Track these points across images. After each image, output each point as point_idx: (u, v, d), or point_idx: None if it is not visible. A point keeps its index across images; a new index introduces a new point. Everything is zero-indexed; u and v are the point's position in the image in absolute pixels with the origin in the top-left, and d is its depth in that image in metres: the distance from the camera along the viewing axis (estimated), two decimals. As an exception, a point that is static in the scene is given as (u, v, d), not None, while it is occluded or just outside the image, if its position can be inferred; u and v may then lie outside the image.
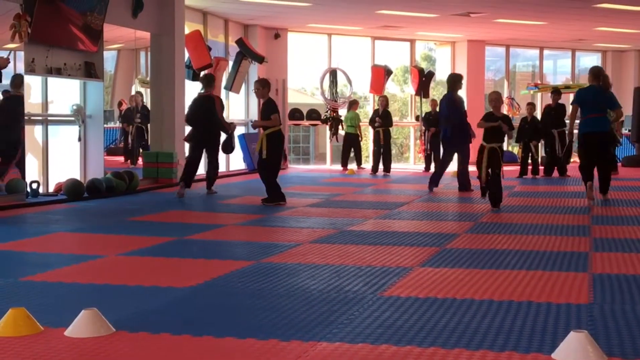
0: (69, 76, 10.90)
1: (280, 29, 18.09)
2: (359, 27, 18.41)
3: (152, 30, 13.11)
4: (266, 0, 14.29)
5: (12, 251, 6.40)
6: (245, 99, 17.47)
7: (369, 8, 15.41)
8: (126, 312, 4.28)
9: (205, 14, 15.50)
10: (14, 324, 3.86)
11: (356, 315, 4.25)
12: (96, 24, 11.11)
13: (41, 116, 10.92)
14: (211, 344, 3.71)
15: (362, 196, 11.83)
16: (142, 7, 12.44)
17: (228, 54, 16.34)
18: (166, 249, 6.65)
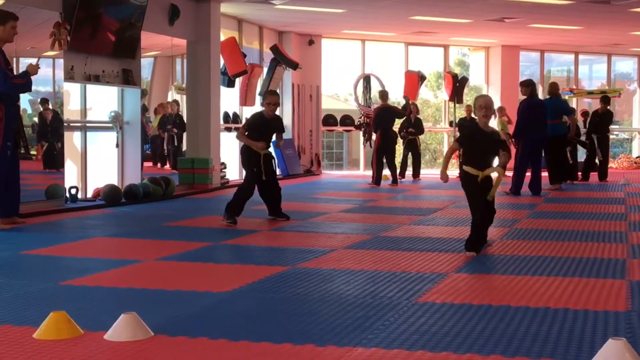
0: (107, 83, 11.06)
1: (314, 36, 18.16)
2: (392, 33, 18.41)
3: (188, 37, 13.26)
4: (301, 7, 14.36)
5: (52, 256, 6.50)
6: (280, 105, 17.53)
7: (403, 14, 15.41)
8: (164, 317, 4.33)
9: (240, 21, 15.63)
10: (56, 328, 3.92)
11: (391, 321, 4.26)
12: (134, 32, 11.27)
13: (80, 123, 11.08)
14: (248, 348, 3.73)
15: (396, 202, 11.82)
16: (179, 15, 12.59)
17: (262, 61, 16.44)
18: (202, 254, 6.72)
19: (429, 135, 26.69)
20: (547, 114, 13.04)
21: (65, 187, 10.23)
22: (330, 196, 12.37)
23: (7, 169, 7.81)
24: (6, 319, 4.25)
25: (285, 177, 16.33)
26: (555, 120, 13.43)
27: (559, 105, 13.72)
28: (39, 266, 6.13)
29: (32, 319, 4.19)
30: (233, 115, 15.34)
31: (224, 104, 14.58)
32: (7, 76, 7.66)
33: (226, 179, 14.01)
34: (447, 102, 20.67)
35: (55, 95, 10.39)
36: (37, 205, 9.26)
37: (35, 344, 3.79)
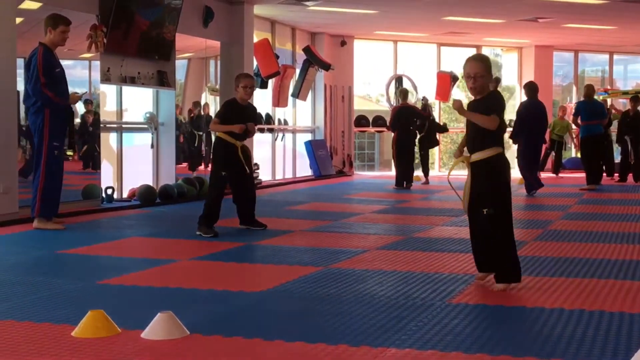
0: (142, 85, 11.19)
1: (346, 37, 18.18)
2: (425, 34, 18.37)
3: (222, 39, 13.36)
4: (333, 8, 14.39)
5: (89, 255, 6.59)
6: (312, 106, 17.61)
7: (436, 14, 15.38)
8: (199, 316, 4.37)
9: (273, 23, 15.70)
10: (94, 326, 3.98)
11: (425, 322, 4.27)
12: (168, 34, 11.38)
13: (116, 124, 11.22)
14: (282, 348, 3.76)
15: (429, 203, 11.80)
16: (213, 17, 12.69)
17: (295, 62, 16.50)
18: (236, 254, 6.78)
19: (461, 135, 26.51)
20: (584, 115, 13.14)
21: (102, 187, 10.37)
22: (362, 197, 12.39)
23: (54, 169, 7.93)
24: (45, 317, 4.33)
25: (318, 178, 16.39)
26: (592, 121, 13.43)
27: (595, 107, 13.71)
28: (77, 265, 6.22)
29: (71, 317, 4.26)
30: (266, 116, 15.42)
31: (257, 105, 14.64)
32: (37, 80, 7.76)
33: (259, 180, 14.08)
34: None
35: (92, 97, 10.52)
36: (74, 205, 9.39)
37: (73, 342, 3.85)
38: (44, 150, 7.85)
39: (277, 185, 14.61)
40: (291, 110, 16.72)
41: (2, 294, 4.98)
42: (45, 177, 7.88)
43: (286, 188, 14.31)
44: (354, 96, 19.06)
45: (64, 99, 7.93)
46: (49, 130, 7.85)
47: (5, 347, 3.74)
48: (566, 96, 22.79)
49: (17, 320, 4.26)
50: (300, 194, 13.10)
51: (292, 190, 13.81)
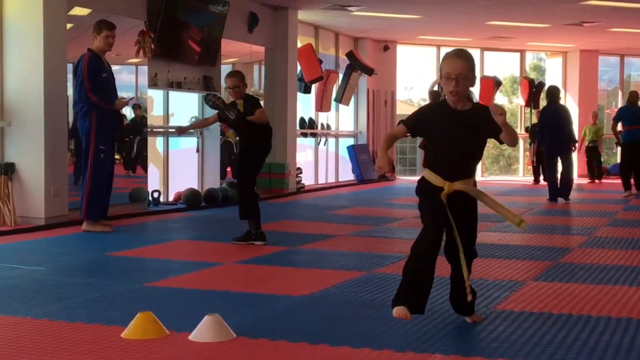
0: (188, 90, 11.34)
1: (389, 41, 18.18)
2: (468, 38, 18.29)
3: (266, 44, 13.46)
4: (377, 13, 14.41)
5: (137, 257, 6.70)
6: (355, 110, 17.64)
7: (479, 19, 15.30)
8: (245, 319, 4.42)
9: (317, 28, 15.77)
10: (142, 328, 4.04)
11: (469, 328, 4.28)
12: (214, 40, 11.51)
13: (162, 128, 11.37)
14: (327, 352, 3.79)
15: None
16: (258, 22, 12.80)
17: (338, 67, 16.55)
18: (280, 257, 6.82)
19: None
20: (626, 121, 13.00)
21: (148, 190, 10.52)
22: (404, 202, 12.37)
23: (100, 172, 8.08)
24: (95, 319, 4.41)
25: (360, 183, 16.41)
26: (634, 126, 13.32)
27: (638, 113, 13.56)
28: (124, 267, 6.33)
29: (120, 318, 4.33)
30: (309, 121, 15.49)
31: (300, 110, 14.74)
32: (83, 86, 7.91)
33: (302, 184, 14.15)
34: (522, 108, 20.43)
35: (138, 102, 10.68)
36: (121, 208, 9.54)
37: (123, 343, 3.92)
38: (90, 153, 8.01)
39: (319, 190, 14.66)
40: (334, 114, 16.77)
41: (54, 294, 5.10)
42: (91, 180, 8.03)
43: (328, 192, 14.35)
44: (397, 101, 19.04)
45: (109, 103, 8.07)
46: (95, 134, 8.00)
47: (58, 347, 3.83)
48: (612, 101, 22.50)
49: (68, 321, 4.35)
50: (342, 199, 13.13)
51: (335, 195, 13.84)
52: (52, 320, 4.35)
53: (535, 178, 17.01)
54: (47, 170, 8.35)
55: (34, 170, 8.37)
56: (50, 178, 8.37)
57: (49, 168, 8.35)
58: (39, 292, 5.18)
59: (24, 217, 8.33)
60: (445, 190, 4.15)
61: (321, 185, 15.54)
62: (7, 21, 8.43)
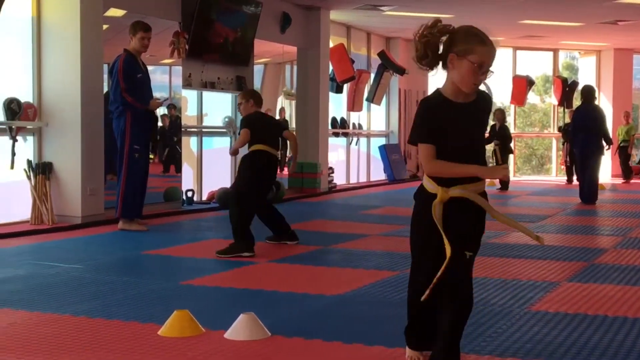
0: (222, 90, 11.42)
1: (421, 41, 18.11)
2: (500, 38, 18.18)
3: (299, 44, 13.51)
4: (409, 12, 14.38)
5: (171, 256, 6.78)
6: (386, 110, 17.63)
7: (512, 18, 15.22)
8: (280, 317, 4.47)
9: (348, 28, 15.79)
10: (179, 326, 4.10)
11: (504, 329, 4.27)
12: (247, 40, 11.58)
13: (196, 128, 11.47)
14: (361, 352, 3.82)
15: (503, 208, 11.68)
16: (290, 23, 12.85)
17: (370, 67, 16.55)
18: (313, 257, 6.86)
19: (536, 140, 26.17)
20: None
21: (183, 190, 10.62)
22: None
23: (134, 171, 8.18)
24: (133, 316, 4.49)
25: (391, 182, 16.39)
26: None
27: None
28: (160, 265, 6.41)
29: (157, 316, 4.40)
30: (341, 121, 15.51)
31: (332, 110, 14.77)
32: (118, 85, 8.01)
33: (334, 184, 14.18)
34: (555, 107, 20.28)
35: (172, 102, 10.77)
36: (156, 207, 9.65)
37: (160, 340, 3.98)
38: (125, 153, 8.11)
39: (351, 189, 14.68)
40: (365, 114, 16.77)
41: (92, 292, 5.19)
42: (126, 179, 8.13)
43: (360, 192, 14.37)
44: (428, 100, 18.98)
45: (144, 104, 8.15)
46: (130, 134, 8.10)
47: (96, 344, 3.90)
48: (646, 100, 22.26)
49: (106, 318, 4.43)
50: (374, 198, 13.14)
51: (366, 195, 13.85)
52: (90, 318, 4.43)
53: (568, 178, 16.88)
54: (84, 170, 8.47)
55: (71, 170, 8.49)
56: (86, 177, 8.49)
57: (85, 167, 8.48)
58: (77, 289, 5.28)
59: (61, 216, 8.47)
60: (438, 198, 3.28)
61: (353, 185, 15.56)
62: (45, 23, 8.56)
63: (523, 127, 25.44)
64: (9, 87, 8.44)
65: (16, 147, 8.25)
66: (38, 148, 8.63)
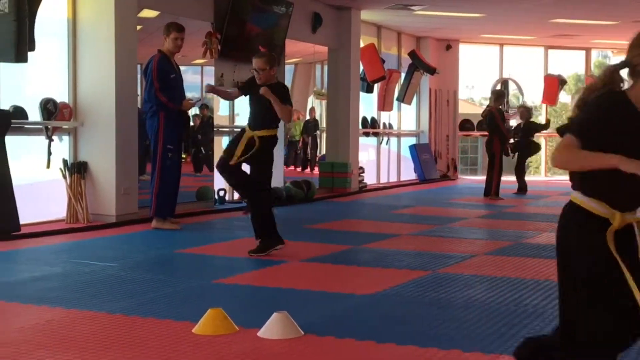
0: (253, 90, 11.45)
1: (452, 40, 18.08)
2: (532, 37, 18.08)
3: (329, 44, 13.54)
4: (439, 12, 14.35)
5: (204, 255, 6.84)
6: (416, 110, 17.60)
7: (544, 17, 15.11)
8: (312, 316, 4.49)
9: (379, 28, 15.79)
10: (213, 324, 4.15)
11: (537, 329, 4.26)
12: (279, 40, 11.63)
13: (228, 128, 11.53)
14: (394, 351, 3.83)
15: (535, 208, 11.63)
16: (321, 23, 12.88)
17: (400, 66, 16.53)
18: (345, 256, 6.89)
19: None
20: None
21: (215, 189, 10.69)
22: (467, 201, 12.32)
23: (168, 171, 8.26)
24: (168, 314, 4.54)
25: (422, 182, 16.37)
26: None
27: None
28: (193, 264, 6.47)
29: (191, 314, 4.44)
30: (371, 120, 15.52)
31: (363, 109, 14.78)
32: (152, 85, 8.09)
33: (364, 183, 14.20)
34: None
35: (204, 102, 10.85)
36: (188, 207, 9.72)
37: (194, 338, 4.03)
38: (158, 153, 8.19)
39: (381, 189, 14.68)
40: (396, 114, 16.76)
41: (127, 290, 5.26)
42: (159, 178, 8.21)
43: (391, 192, 14.37)
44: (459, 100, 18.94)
45: (177, 104, 8.23)
46: (163, 133, 8.17)
47: (132, 342, 3.96)
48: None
49: (141, 316, 4.50)
50: (404, 198, 13.13)
51: (397, 194, 13.84)
52: (126, 316, 4.50)
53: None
54: (118, 169, 8.57)
55: (106, 169, 8.60)
56: (121, 177, 8.59)
57: (119, 167, 8.58)
58: (113, 287, 5.35)
59: (95, 215, 8.58)
60: (615, 224, 2.75)
61: (383, 185, 15.56)
62: (80, 24, 8.68)
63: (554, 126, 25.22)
64: (46, 88, 8.57)
65: (52, 147, 8.37)
66: (73, 147, 8.75)
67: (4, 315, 4.59)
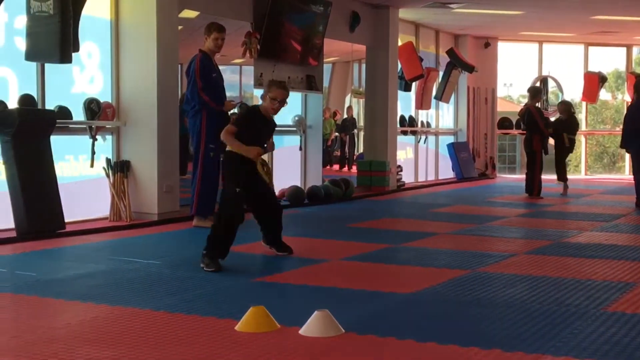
0: (292, 89, 11.45)
1: (490, 38, 17.98)
2: (571, 34, 17.90)
3: (367, 43, 13.54)
4: (478, 10, 14.29)
5: (245, 253, 6.88)
6: (455, 108, 17.54)
7: (584, 14, 14.96)
8: (353, 315, 4.51)
9: (417, 26, 15.75)
10: (255, 322, 4.19)
11: (579, 329, 4.24)
12: (317, 39, 11.68)
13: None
14: (435, 350, 3.84)
15: (575, 207, 11.52)
16: (359, 22, 12.89)
17: (438, 64, 16.49)
18: (384, 255, 6.90)
19: (608, 137, 25.62)
20: None
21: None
22: (506, 200, 12.24)
23: (209, 170, 8.35)
24: (210, 311, 4.60)
25: (460, 180, 16.30)
26: None
27: None
28: (234, 262, 6.50)
29: (233, 312, 4.49)
30: (409, 119, 15.50)
31: (400, 108, 14.77)
32: (195, 84, 8.18)
33: (402, 182, 14.18)
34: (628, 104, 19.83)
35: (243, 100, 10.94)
36: (228, 205, 9.78)
37: (237, 335, 4.07)
38: (200, 152, 8.27)
39: (419, 188, 14.66)
40: (434, 112, 16.72)
41: (170, 288, 5.33)
42: (201, 177, 8.29)
43: (428, 190, 14.34)
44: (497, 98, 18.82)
45: (219, 103, 8.30)
46: (205, 132, 8.25)
47: (176, 338, 4.02)
48: None
49: (185, 313, 4.55)
50: (442, 197, 13.09)
51: (435, 193, 13.81)
52: (170, 313, 4.56)
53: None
54: (160, 168, 8.68)
55: (148, 168, 8.72)
56: (162, 175, 8.70)
57: (161, 165, 8.69)
58: (156, 285, 5.43)
59: (138, 213, 8.70)
60: None
61: (421, 183, 15.54)
62: (123, 25, 8.81)
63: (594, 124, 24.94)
64: (89, 88, 8.71)
65: (96, 146, 8.50)
66: (116, 146, 8.89)
67: (50, 312, 4.69)
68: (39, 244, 7.17)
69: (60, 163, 8.22)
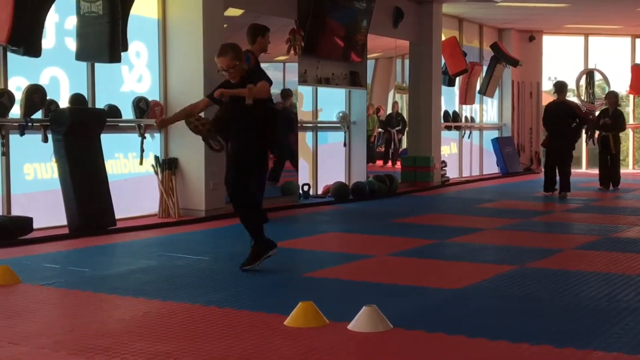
0: (336, 85, 11.57)
1: (535, 32, 17.80)
2: (617, 26, 17.62)
3: (411, 39, 13.50)
4: (522, 3, 14.16)
5: (293, 249, 6.93)
6: (499, 103, 17.40)
7: (630, 5, 14.72)
8: (400, 310, 4.52)
9: (460, 20, 15.66)
10: (304, 316, 4.23)
11: (631, 325, 4.20)
12: (361, 36, 11.69)
13: (311, 123, 11.66)
14: (485, 346, 3.83)
15: (624, 202, 11.38)
16: (403, 17, 12.86)
17: (482, 59, 16.38)
18: (430, 250, 6.90)
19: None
20: None
21: (299, 184, 10.83)
22: (552, 195, 12.12)
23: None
24: (259, 306, 4.65)
25: (505, 176, 16.19)
26: None
27: None
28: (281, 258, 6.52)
29: (282, 307, 4.52)
30: (453, 114, 15.42)
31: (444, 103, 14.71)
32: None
33: (447, 177, 14.13)
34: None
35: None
36: (274, 201, 9.88)
37: (286, 330, 4.12)
38: None
39: (464, 183, 14.59)
40: (478, 107, 16.61)
41: (220, 283, 5.40)
42: None
43: (473, 185, 14.26)
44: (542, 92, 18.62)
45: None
46: None
47: (227, 333, 4.08)
48: None
49: (234, 308, 4.61)
50: (487, 192, 13.01)
51: (479, 188, 13.73)
52: (220, 308, 4.62)
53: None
54: (207, 165, 8.77)
55: (195, 166, 8.82)
56: (209, 173, 8.79)
57: (208, 163, 8.77)
58: (206, 280, 5.51)
59: (186, 210, 8.82)
60: None
61: (465, 178, 15.45)
62: (170, 24, 8.92)
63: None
64: (138, 87, 8.85)
65: (145, 144, 8.62)
66: (164, 144, 9.01)
67: (104, 306, 4.79)
68: (90, 240, 7.31)
69: (110, 161, 8.36)
